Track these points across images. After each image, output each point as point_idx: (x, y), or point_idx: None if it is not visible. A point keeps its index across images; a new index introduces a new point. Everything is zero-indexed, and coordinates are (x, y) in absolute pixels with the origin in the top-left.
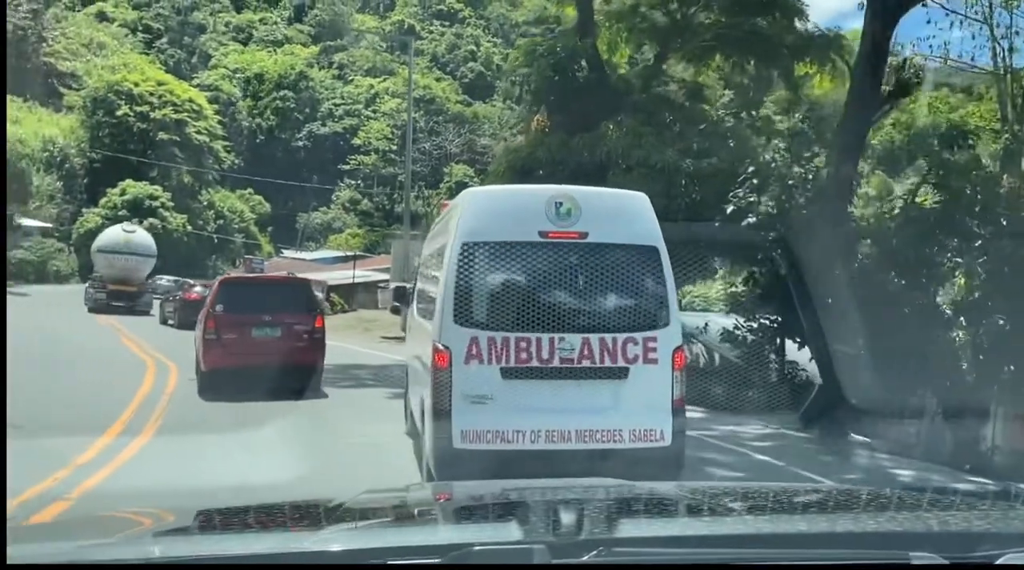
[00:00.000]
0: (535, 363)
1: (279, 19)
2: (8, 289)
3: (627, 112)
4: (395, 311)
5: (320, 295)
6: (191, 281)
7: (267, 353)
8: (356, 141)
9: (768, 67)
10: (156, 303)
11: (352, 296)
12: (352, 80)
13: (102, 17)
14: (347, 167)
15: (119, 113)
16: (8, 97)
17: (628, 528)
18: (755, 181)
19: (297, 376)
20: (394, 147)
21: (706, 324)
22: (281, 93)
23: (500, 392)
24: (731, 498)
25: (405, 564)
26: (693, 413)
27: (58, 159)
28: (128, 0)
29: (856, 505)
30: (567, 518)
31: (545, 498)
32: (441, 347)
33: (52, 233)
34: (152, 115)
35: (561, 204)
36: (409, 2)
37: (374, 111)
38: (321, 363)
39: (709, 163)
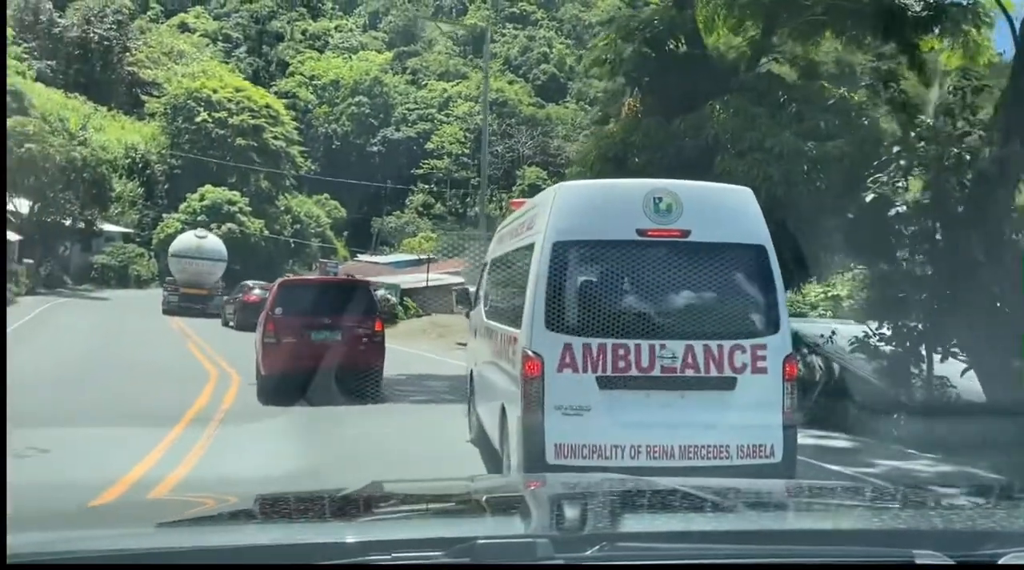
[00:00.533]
0: (634, 372)
1: (354, 26)
2: (88, 294)
3: (732, 91)
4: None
5: (394, 299)
6: (250, 283)
7: (326, 357)
8: (429, 145)
9: (888, 42)
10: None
11: (426, 300)
12: (425, 85)
13: (184, 28)
14: (420, 171)
15: (198, 119)
16: (93, 105)
17: (632, 523)
18: (902, 162)
19: (357, 381)
20: (467, 151)
21: (833, 332)
22: (356, 99)
23: (597, 403)
24: (735, 494)
25: (408, 558)
26: (827, 441)
27: (140, 165)
28: (209, 11)
29: (860, 503)
30: (571, 513)
31: (548, 493)
32: (532, 354)
33: (133, 238)
34: (230, 121)
35: (660, 199)
36: (482, 6)
37: (447, 115)
38: (382, 367)
39: (834, 145)
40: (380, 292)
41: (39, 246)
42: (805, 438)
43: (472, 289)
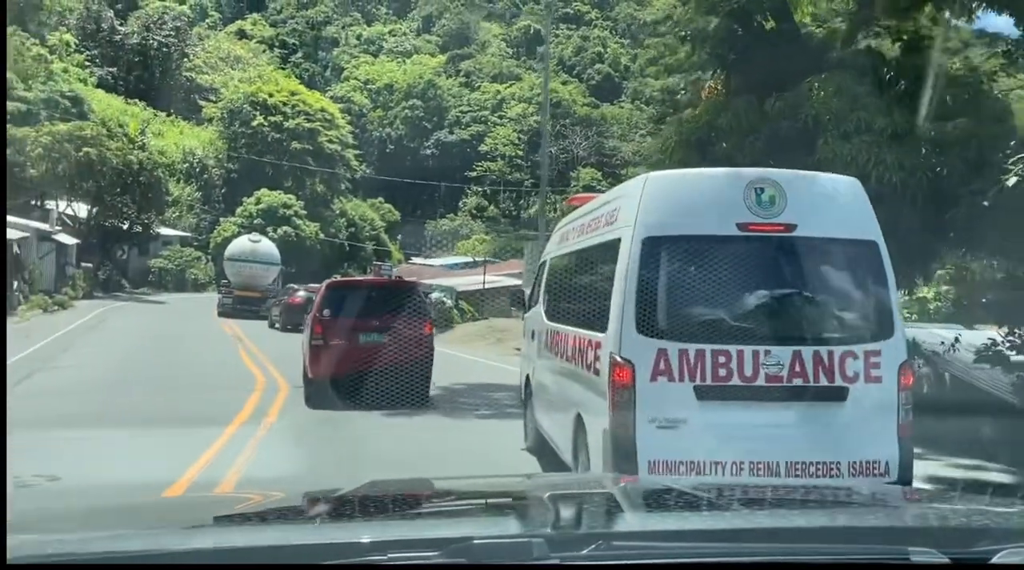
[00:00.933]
0: (736, 381)
1: (408, 30)
2: (146, 297)
3: (829, 69)
4: None
5: (450, 302)
6: (295, 286)
7: (374, 360)
8: (483, 147)
9: (1005, 12)
10: None
11: (482, 303)
12: (479, 87)
13: (242, 35)
14: (474, 174)
15: (254, 123)
16: (152, 111)
17: (627, 522)
18: None
19: (405, 385)
20: (520, 152)
21: (956, 339)
22: (410, 102)
23: (694, 416)
24: (730, 493)
25: (404, 559)
26: (950, 469)
27: (197, 170)
28: (266, 18)
29: (856, 501)
30: (566, 512)
31: (544, 492)
32: (621, 361)
33: (191, 242)
34: (286, 125)
35: (763, 190)
36: (535, 7)
37: (500, 117)
38: (430, 370)
39: (955, 125)
40: (435, 295)
41: (97, 250)
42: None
43: (527, 291)
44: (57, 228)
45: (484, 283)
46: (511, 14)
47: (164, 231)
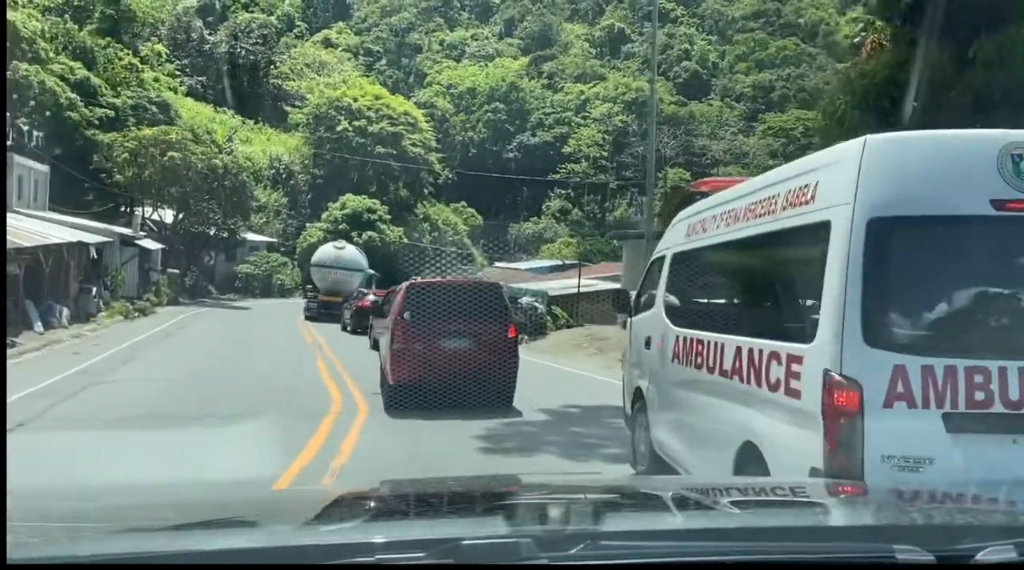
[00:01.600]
0: (999, 408)
1: (490, 34)
2: (231, 303)
3: None
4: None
5: (542, 307)
6: (365, 290)
7: (457, 365)
8: (566, 149)
9: None
10: None
11: (576, 308)
12: (562, 88)
13: (327, 43)
14: (557, 176)
15: (339, 128)
16: (240, 119)
17: (615, 522)
18: None
19: (489, 391)
20: (605, 153)
21: None
22: (492, 105)
23: (944, 453)
24: (718, 492)
25: (392, 560)
26: None
27: (283, 176)
28: (351, 27)
29: (841, 500)
30: (555, 512)
31: (533, 492)
32: (844, 381)
33: (277, 248)
34: (370, 129)
35: (1022, 158)
36: (619, 6)
37: (584, 118)
38: (515, 376)
39: None
40: (525, 299)
41: (184, 256)
42: None
43: (632, 293)
44: (141, 233)
45: (579, 286)
46: (594, 14)
47: (250, 237)
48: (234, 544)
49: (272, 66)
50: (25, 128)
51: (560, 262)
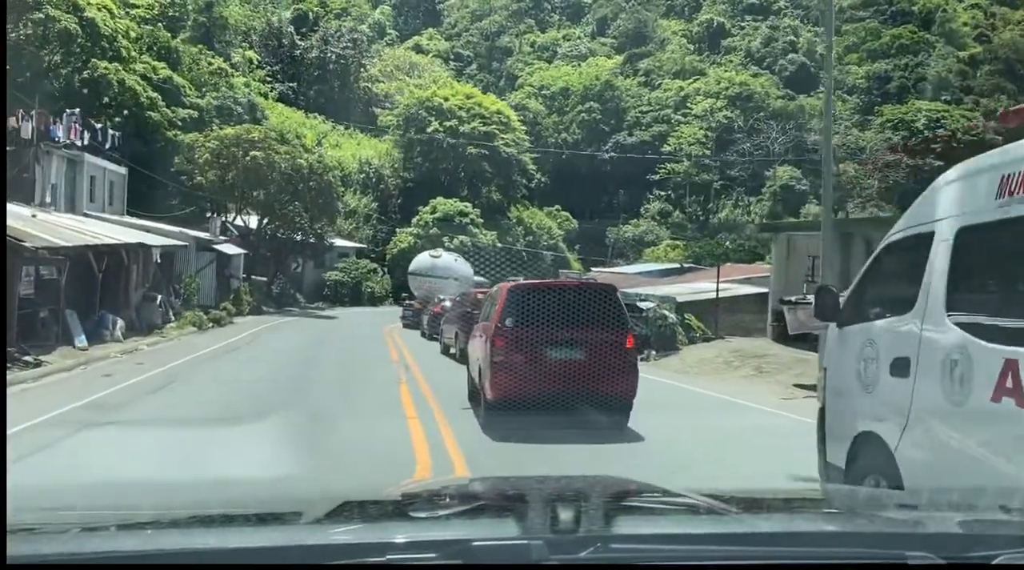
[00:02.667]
0: None
1: (582, 34)
2: (318, 312)
3: None
4: (799, 338)
5: (672, 316)
6: (442, 296)
7: (566, 379)
8: (666, 148)
9: None
10: None
11: (715, 318)
12: (659, 85)
13: (418, 49)
14: (656, 177)
15: (429, 129)
16: (330, 123)
17: (626, 525)
18: None
19: (603, 411)
20: (708, 151)
21: None
22: (586, 105)
23: None
24: (729, 497)
25: (403, 560)
26: None
27: (373, 180)
28: (441, 32)
29: (854, 505)
30: (565, 514)
31: (544, 494)
32: None
33: (367, 254)
34: (461, 129)
35: None
36: (717, 1)
37: (684, 115)
38: (632, 396)
39: None
40: (646, 304)
41: (270, 262)
42: None
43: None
44: (221, 237)
45: (718, 291)
46: (691, 9)
47: (339, 242)
48: (244, 543)
49: (362, 69)
50: (98, 126)
51: (676, 265)
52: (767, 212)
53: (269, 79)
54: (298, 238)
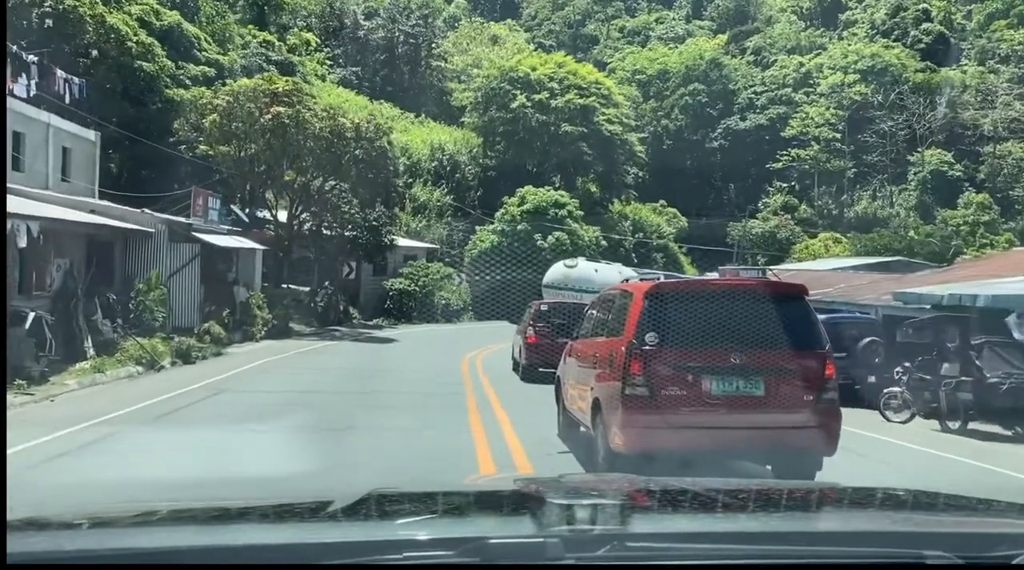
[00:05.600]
0: None
1: (676, 17)
2: (371, 333)
3: None
4: None
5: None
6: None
7: (738, 425)
8: (788, 132)
9: None
10: None
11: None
12: (774, 62)
13: (495, 41)
14: (777, 166)
15: (514, 105)
16: (398, 109)
17: (642, 523)
18: None
19: (793, 473)
20: (838, 134)
21: None
22: (690, 87)
23: None
24: (745, 495)
25: (419, 558)
26: None
27: (447, 169)
28: (520, 24)
29: (871, 504)
30: (581, 513)
31: (560, 493)
32: None
33: (440, 256)
34: (553, 103)
35: None
36: None
37: (807, 94)
38: (834, 449)
39: None
40: (1013, 318)
41: (315, 268)
42: None
43: None
44: (223, 228)
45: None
46: None
47: (404, 242)
48: (254, 540)
49: (433, 46)
50: (62, 77)
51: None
52: (914, 203)
53: (330, 62)
54: (347, 233)
